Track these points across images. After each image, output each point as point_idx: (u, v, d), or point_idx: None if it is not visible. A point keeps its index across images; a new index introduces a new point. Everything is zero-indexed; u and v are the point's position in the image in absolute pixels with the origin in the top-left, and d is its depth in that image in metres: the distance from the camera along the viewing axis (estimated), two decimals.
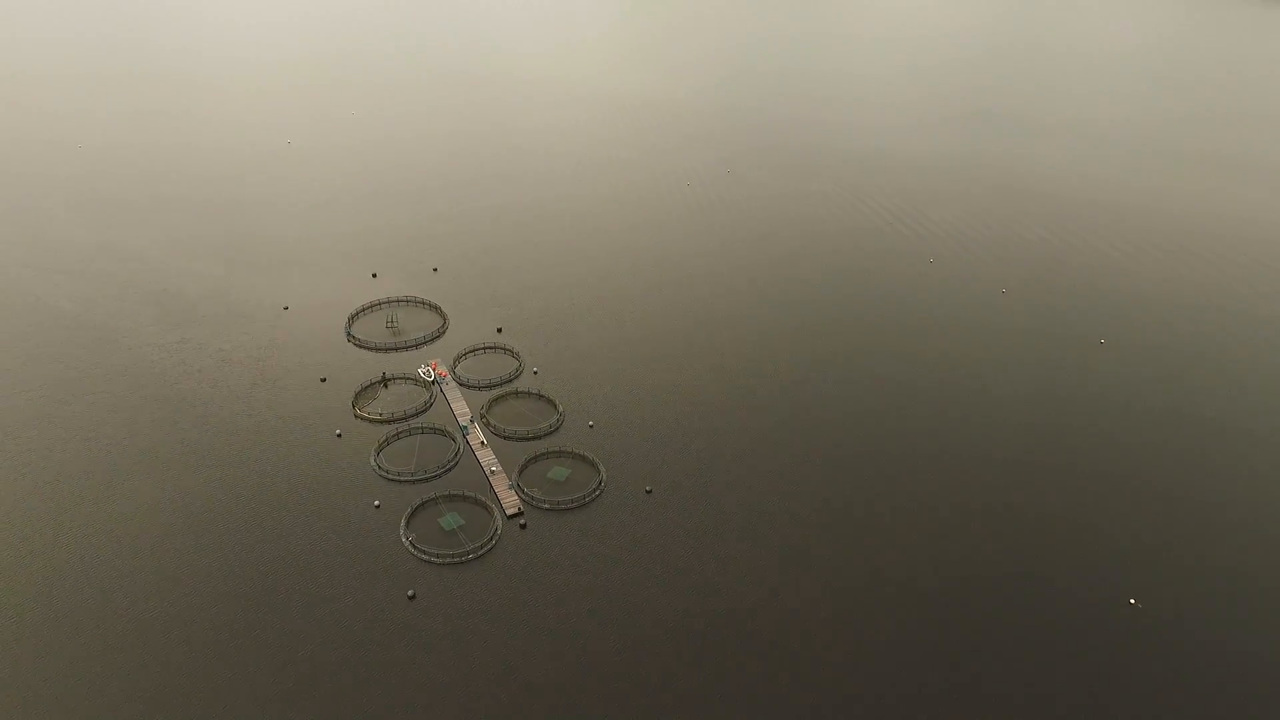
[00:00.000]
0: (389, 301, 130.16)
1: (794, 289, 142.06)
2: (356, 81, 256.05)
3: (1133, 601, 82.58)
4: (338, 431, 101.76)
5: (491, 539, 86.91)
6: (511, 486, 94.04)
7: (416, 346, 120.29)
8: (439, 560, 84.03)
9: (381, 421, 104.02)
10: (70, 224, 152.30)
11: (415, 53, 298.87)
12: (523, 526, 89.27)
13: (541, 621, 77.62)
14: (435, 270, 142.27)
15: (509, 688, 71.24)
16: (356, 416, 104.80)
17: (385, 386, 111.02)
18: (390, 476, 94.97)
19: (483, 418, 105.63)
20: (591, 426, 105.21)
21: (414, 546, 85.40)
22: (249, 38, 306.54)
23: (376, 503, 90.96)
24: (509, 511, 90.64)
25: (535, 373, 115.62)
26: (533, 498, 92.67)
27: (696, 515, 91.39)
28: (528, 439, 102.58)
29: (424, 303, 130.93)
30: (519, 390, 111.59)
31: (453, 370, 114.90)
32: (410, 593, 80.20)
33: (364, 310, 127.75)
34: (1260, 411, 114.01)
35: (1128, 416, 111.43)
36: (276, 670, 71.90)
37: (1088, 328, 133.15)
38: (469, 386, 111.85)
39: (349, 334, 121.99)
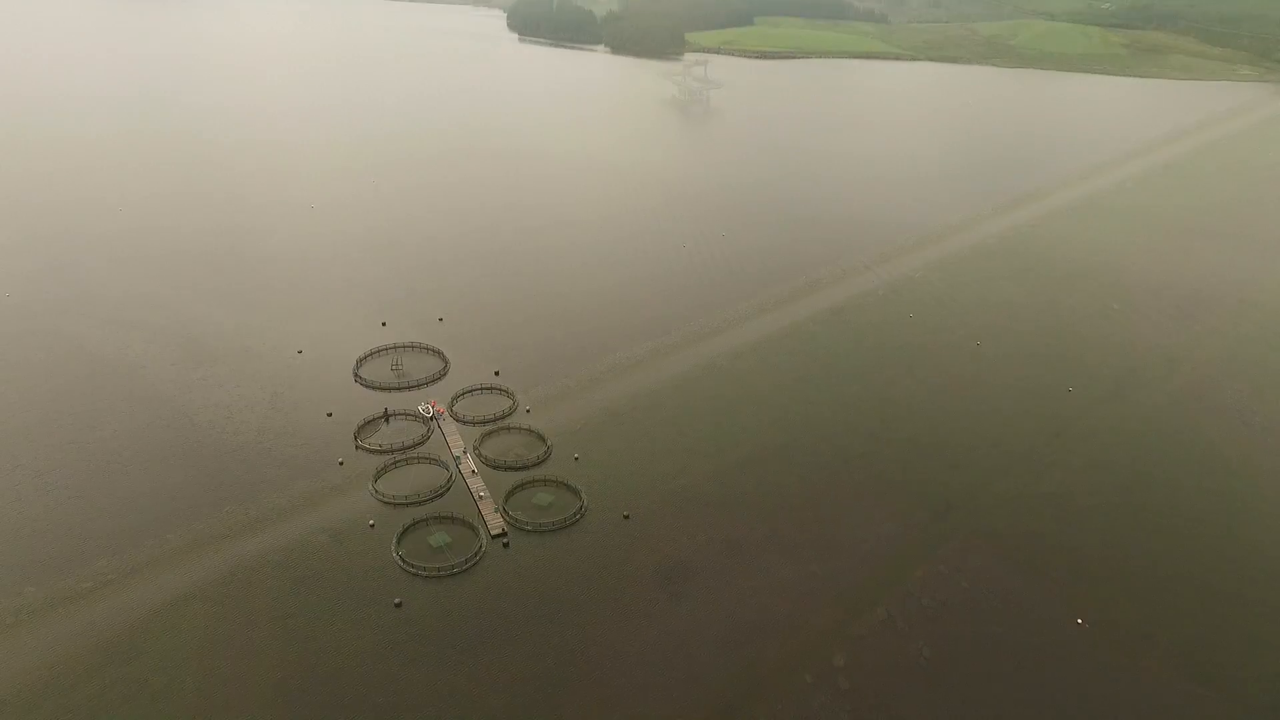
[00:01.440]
0: (395, 347, 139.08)
1: (783, 334, 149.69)
2: (380, 156, 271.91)
3: (1079, 621, 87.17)
4: (339, 460, 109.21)
5: (476, 555, 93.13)
6: (497, 510, 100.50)
7: (419, 387, 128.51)
8: (425, 574, 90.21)
9: (381, 452, 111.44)
10: (107, 276, 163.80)
11: (436, 132, 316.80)
12: (505, 545, 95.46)
13: (518, 626, 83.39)
14: (440, 320, 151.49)
15: (488, 681, 76.91)
16: (358, 447, 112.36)
17: (387, 422, 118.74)
18: (385, 500, 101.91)
19: (475, 450, 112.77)
20: (577, 459, 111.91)
21: (403, 561, 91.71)
22: (280, 117, 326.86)
23: (371, 522, 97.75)
24: (494, 532, 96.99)
25: (528, 411, 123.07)
26: (516, 520, 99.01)
27: (669, 538, 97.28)
28: (517, 469, 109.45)
29: (428, 348, 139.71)
30: (511, 426, 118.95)
31: (450, 408, 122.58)
32: (397, 601, 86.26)
33: (372, 354, 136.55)
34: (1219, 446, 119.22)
35: (1092, 446, 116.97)
36: (273, 663, 78.15)
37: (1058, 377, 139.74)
38: (465, 422, 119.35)
39: (356, 375, 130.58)
